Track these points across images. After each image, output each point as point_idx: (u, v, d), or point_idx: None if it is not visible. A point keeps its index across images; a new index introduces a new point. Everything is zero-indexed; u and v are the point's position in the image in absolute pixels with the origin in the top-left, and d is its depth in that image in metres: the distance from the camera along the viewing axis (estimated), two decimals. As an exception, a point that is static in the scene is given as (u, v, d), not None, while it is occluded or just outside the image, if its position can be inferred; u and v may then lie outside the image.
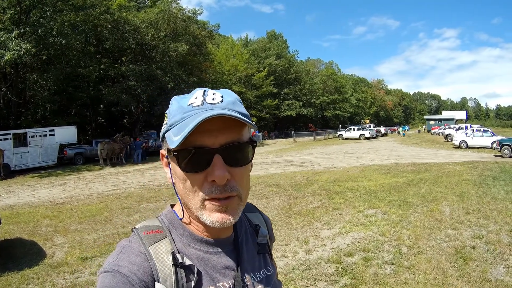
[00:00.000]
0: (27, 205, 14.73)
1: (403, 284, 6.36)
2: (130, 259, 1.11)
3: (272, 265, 1.46)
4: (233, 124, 1.12)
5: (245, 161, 1.18)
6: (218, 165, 1.09)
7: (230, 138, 1.12)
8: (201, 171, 1.11)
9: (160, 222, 1.27)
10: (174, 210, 1.32)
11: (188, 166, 1.11)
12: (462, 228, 9.40)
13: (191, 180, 1.13)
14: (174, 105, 1.19)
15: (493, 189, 14.32)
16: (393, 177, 18.01)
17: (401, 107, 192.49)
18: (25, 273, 7.31)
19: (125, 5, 39.39)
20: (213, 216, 1.13)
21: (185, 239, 1.23)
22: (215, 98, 1.15)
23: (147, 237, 1.18)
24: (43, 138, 29.86)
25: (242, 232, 1.39)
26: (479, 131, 40.71)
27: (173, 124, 1.14)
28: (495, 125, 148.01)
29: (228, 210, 1.14)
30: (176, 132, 1.11)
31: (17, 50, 25.53)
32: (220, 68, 65.37)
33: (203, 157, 1.10)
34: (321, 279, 6.70)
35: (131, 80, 38.37)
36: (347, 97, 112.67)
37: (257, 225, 1.49)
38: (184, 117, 1.11)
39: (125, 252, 1.14)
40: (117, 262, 1.11)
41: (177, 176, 1.17)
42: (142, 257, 1.13)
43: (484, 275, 6.53)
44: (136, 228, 1.24)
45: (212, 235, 1.25)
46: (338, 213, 11.50)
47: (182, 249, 1.20)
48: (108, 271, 1.08)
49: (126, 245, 1.17)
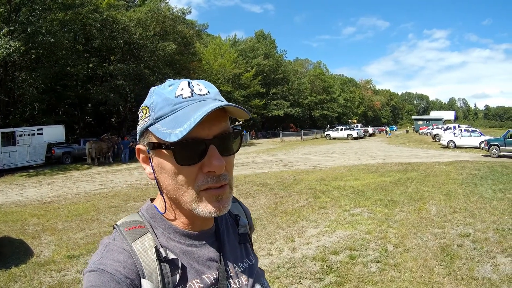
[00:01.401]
0: (15, 204, 14.69)
1: (389, 282, 6.42)
2: (114, 257, 1.11)
3: (254, 255, 1.49)
4: (221, 114, 1.15)
5: (235, 149, 1.22)
6: (216, 155, 1.11)
7: (222, 128, 1.15)
8: (196, 163, 1.12)
9: (141, 216, 1.26)
10: (154, 205, 1.31)
11: (184, 158, 1.11)
12: (449, 227, 9.49)
13: (185, 173, 1.13)
14: (158, 96, 1.18)
15: (481, 188, 14.46)
16: (380, 177, 18.12)
17: (389, 107, 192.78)
18: (13, 271, 7.32)
19: (114, 4, 39.17)
20: (209, 207, 1.14)
21: (167, 233, 1.23)
22: (201, 89, 1.17)
23: (129, 233, 1.18)
24: (31, 137, 29.70)
25: (223, 223, 1.41)
26: (467, 131, 41.20)
27: (161, 116, 1.13)
28: (484, 125, 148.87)
29: (223, 199, 1.17)
30: (170, 124, 1.09)
31: (6, 48, 25.42)
32: (208, 67, 65.18)
33: (198, 148, 1.11)
34: (306, 277, 6.75)
35: (119, 79, 38.23)
36: (335, 97, 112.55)
37: (236, 215, 1.51)
38: (175, 109, 1.11)
39: (108, 250, 1.14)
40: (102, 260, 1.10)
41: (165, 170, 1.16)
42: (126, 254, 1.13)
43: (471, 273, 6.60)
44: (117, 224, 1.23)
45: (196, 228, 1.26)
46: (324, 212, 11.55)
47: (164, 243, 1.20)
48: (93, 270, 1.08)
49: (109, 243, 1.17)
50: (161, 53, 40.52)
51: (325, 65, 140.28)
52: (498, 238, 8.45)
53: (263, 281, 1.43)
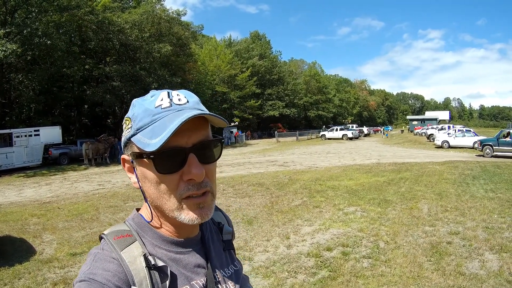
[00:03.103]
0: (14, 204, 14.84)
1: (380, 276, 6.65)
2: (103, 266, 1.12)
3: (238, 261, 1.52)
4: (201, 123, 1.17)
5: (215, 157, 1.24)
6: (195, 163, 1.13)
7: (201, 137, 1.17)
8: (176, 171, 1.14)
9: (128, 226, 1.29)
10: (140, 214, 1.33)
11: (164, 167, 1.14)
12: (439, 225, 9.71)
13: (166, 182, 1.15)
14: (138, 108, 1.20)
15: (472, 188, 14.66)
16: (374, 176, 18.31)
17: (384, 107, 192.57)
18: (16, 269, 7.48)
19: (110, 6, 39.25)
20: (191, 215, 1.17)
21: (154, 241, 1.25)
22: (180, 99, 1.19)
23: (118, 242, 1.20)
24: (28, 138, 29.79)
25: (207, 230, 1.44)
26: (461, 131, 41.19)
27: (142, 127, 1.15)
28: (479, 125, 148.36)
29: (205, 207, 1.19)
30: (149, 134, 1.12)
31: (3, 50, 25.56)
32: (204, 68, 64.98)
33: (178, 157, 1.14)
34: (301, 271, 6.98)
35: (115, 81, 38.26)
36: (330, 98, 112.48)
37: (219, 222, 1.54)
38: (154, 119, 1.14)
39: (97, 260, 1.15)
40: (91, 270, 1.11)
41: (147, 179, 1.19)
42: (116, 263, 1.14)
43: (459, 269, 6.81)
44: (105, 234, 1.25)
45: (183, 235, 1.29)
46: (318, 210, 11.78)
47: (152, 251, 1.22)
48: (83, 280, 1.09)
49: (98, 253, 1.18)
50: (157, 55, 40.58)
51: (320, 65, 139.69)
52: (487, 236, 8.66)
53: (249, 286, 1.49)
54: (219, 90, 69.31)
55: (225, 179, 18.96)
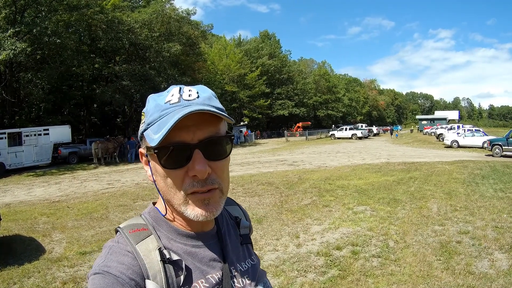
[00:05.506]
0: (23, 203, 14.90)
1: (389, 275, 6.61)
2: (118, 259, 1.13)
3: (255, 255, 1.50)
4: (210, 119, 1.16)
5: (224, 154, 1.22)
6: (198, 160, 1.13)
7: (208, 133, 1.16)
8: (181, 167, 1.14)
9: (144, 220, 1.29)
10: (156, 207, 1.34)
11: (169, 162, 1.14)
12: (448, 224, 9.64)
13: (172, 177, 1.16)
14: (151, 103, 1.22)
15: (482, 187, 14.55)
16: (383, 176, 18.22)
17: (393, 107, 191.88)
18: (26, 267, 7.51)
19: (119, 5, 39.35)
20: (197, 210, 1.16)
21: (170, 234, 1.26)
22: (191, 95, 1.18)
23: (133, 236, 1.21)
24: (37, 137, 29.95)
25: (223, 224, 1.43)
26: (471, 131, 40.98)
27: (151, 122, 1.17)
28: (488, 125, 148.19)
29: (211, 203, 1.18)
30: (155, 130, 1.13)
31: (13, 49, 25.68)
32: (213, 68, 65.18)
33: (183, 153, 1.14)
34: (310, 270, 6.95)
35: (124, 80, 38.29)
36: (340, 97, 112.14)
37: (237, 217, 1.53)
38: (162, 115, 1.15)
39: (112, 253, 1.16)
40: (106, 263, 1.12)
41: (158, 173, 1.20)
42: (130, 256, 1.15)
43: (468, 268, 6.76)
44: (120, 227, 1.26)
45: (196, 229, 1.29)
46: (328, 210, 11.74)
47: (168, 245, 1.22)
48: (98, 272, 1.10)
49: (113, 246, 1.19)
50: (166, 54, 40.48)
51: (330, 65, 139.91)
52: (496, 235, 8.61)
53: (266, 280, 1.46)
54: (228, 90, 69.27)
55: (235, 178, 18.94)
